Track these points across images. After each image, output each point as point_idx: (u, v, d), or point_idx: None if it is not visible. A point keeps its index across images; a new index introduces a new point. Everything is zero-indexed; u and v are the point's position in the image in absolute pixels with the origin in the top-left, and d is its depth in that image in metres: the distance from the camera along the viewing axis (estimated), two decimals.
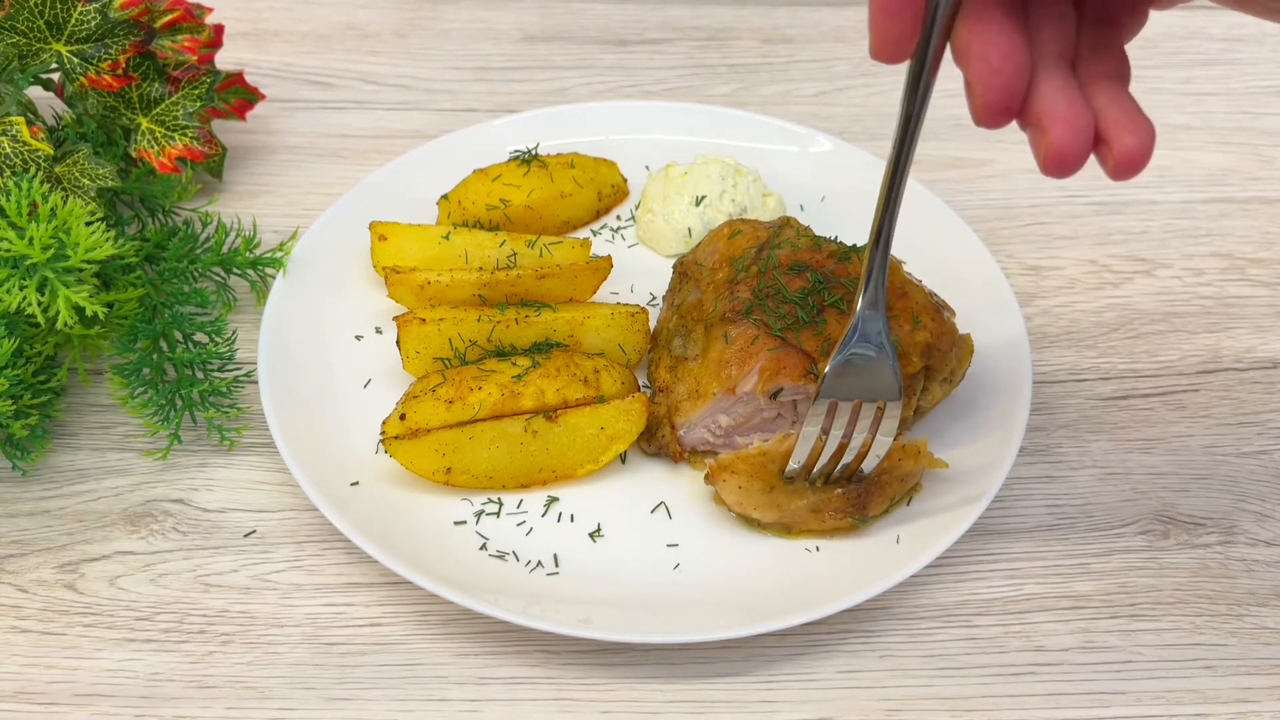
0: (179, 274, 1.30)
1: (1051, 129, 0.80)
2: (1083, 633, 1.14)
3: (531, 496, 1.20)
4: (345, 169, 1.56)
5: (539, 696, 1.09)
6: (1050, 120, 0.80)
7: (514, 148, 1.50)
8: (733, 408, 1.19)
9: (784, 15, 1.82)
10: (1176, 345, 1.40)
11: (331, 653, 1.11)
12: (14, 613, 1.13)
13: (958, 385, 1.24)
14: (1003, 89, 0.80)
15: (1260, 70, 1.77)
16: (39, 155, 1.21)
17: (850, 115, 1.67)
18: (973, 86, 0.81)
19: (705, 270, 1.29)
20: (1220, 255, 1.50)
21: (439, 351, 1.25)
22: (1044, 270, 1.48)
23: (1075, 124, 0.80)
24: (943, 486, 1.20)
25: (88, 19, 1.28)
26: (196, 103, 1.36)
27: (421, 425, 1.19)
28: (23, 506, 1.20)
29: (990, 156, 1.61)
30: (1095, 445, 1.29)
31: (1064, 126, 0.80)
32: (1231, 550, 1.21)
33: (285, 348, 1.28)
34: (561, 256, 1.36)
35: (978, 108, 0.81)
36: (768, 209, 1.44)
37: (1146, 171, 1.59)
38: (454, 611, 1.14)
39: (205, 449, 1.25)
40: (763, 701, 1.09)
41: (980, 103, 0.81)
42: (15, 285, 1.09)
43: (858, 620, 1.14)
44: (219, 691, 1.08)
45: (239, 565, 1.17)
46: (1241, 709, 1.10)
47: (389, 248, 1.35)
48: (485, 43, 1.76)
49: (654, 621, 1.09)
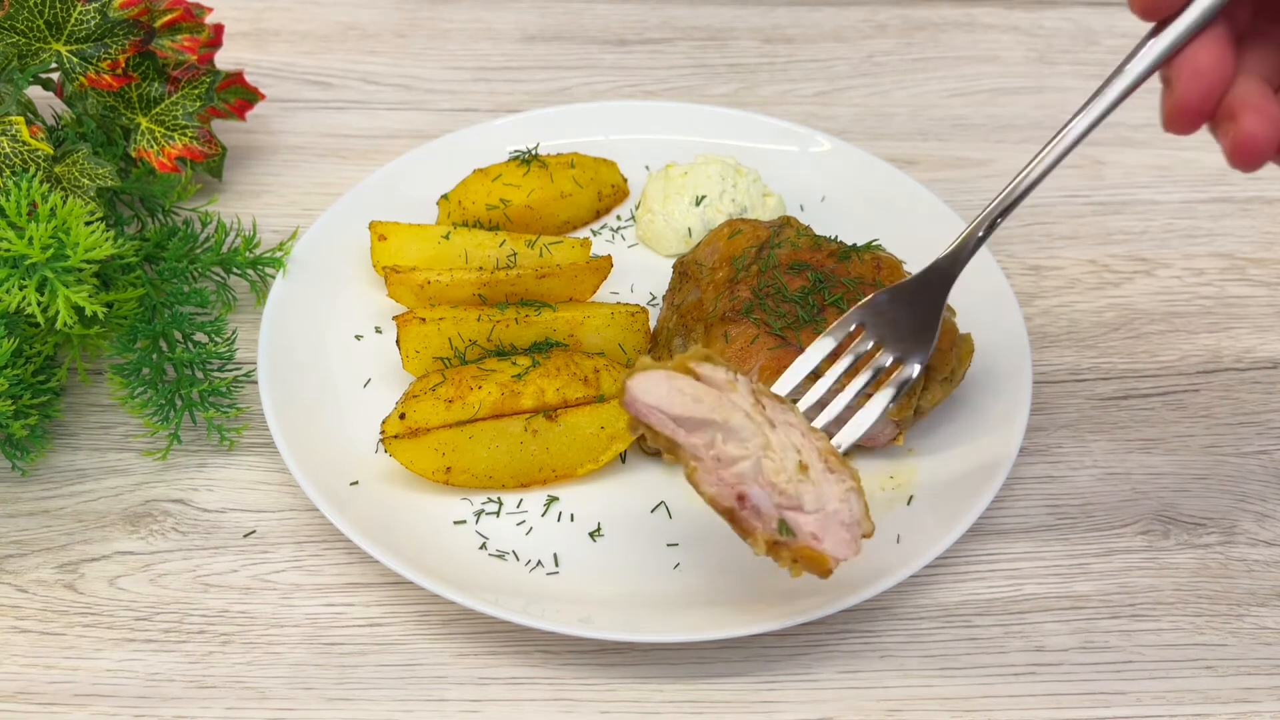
0: (179, 274, 1.30)
1: (1243, 116, 0.83)
2: (1083, 633, 1.14)
3: (531, 496, 1.20)
4: (345, 169, 1.56)
5: (539, 696, 1.09)
6: (1242, 108, 0.84)
7: (514, 148, 1.50)
8: None
9: (784, 15, 1.82)
10: (1177, 345, 1.40)
11: (331, 653, 1.11)
12: (13, 613, 1.12)
13: (958, 385, 1.24)
14: (1203, 91, 0.85)
15: None
16: (38, 155, 1.21)
17: (850, 115, 1.67)
18: (1174, 84, 0.86)
19: (705, 270, 1.29)
20: (1221, 255, 1.50)
21: (439, 351, 1.25)
22: (1044, 270, 1.48)
23: (1267, 113, 0.84)
24: (943, 486, 1.20)
25: (87, 18, 1.28)
26: (196, 102, 1.36)
27: (421, 425, 1.19)
28: (22, 506, 1.20)
29: (991, 156, 1.61)
30: (1095, 445, 1.29)
31: (1256, 115, 0.83)
32: (1232, 550, 1.21)
33: (285, 348, 1.28)
34: (561, 256, 1.36)
35: (1174, 104, 0.86)
36: (768, 209, 1.44)
37: (1146, 171, 1.60)
38: (454, 611, 1.13)
39: (205, 449, 1.25)
40: (763, 702, 1.09)
41: (1178, 100, 0.85)
42: (15, 285, 1.09)
43: (858, 620, 1.14)
44: (219, 692, 1.08)
45: (239, 565, 1.17)
46: (1242, 709, 1.10)
47: (389, 247, 1.35)
48: (485, 42, 1.76)
49: (654, 621, 1.09)
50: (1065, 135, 1.01)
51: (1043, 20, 1.81)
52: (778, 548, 0.99)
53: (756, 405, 1.02)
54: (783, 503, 0.99)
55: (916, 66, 1.74)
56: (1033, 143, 1.63)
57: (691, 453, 0.99)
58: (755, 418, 1.01)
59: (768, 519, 0.99)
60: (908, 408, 1.19)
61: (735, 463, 0.99)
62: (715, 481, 0.99)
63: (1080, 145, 1.02)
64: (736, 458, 0.99)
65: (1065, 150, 1.02)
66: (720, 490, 0.99)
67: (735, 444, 0.99)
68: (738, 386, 1.02)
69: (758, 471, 0.99)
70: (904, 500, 1.20)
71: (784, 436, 1.02)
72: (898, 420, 1.19)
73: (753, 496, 0.99)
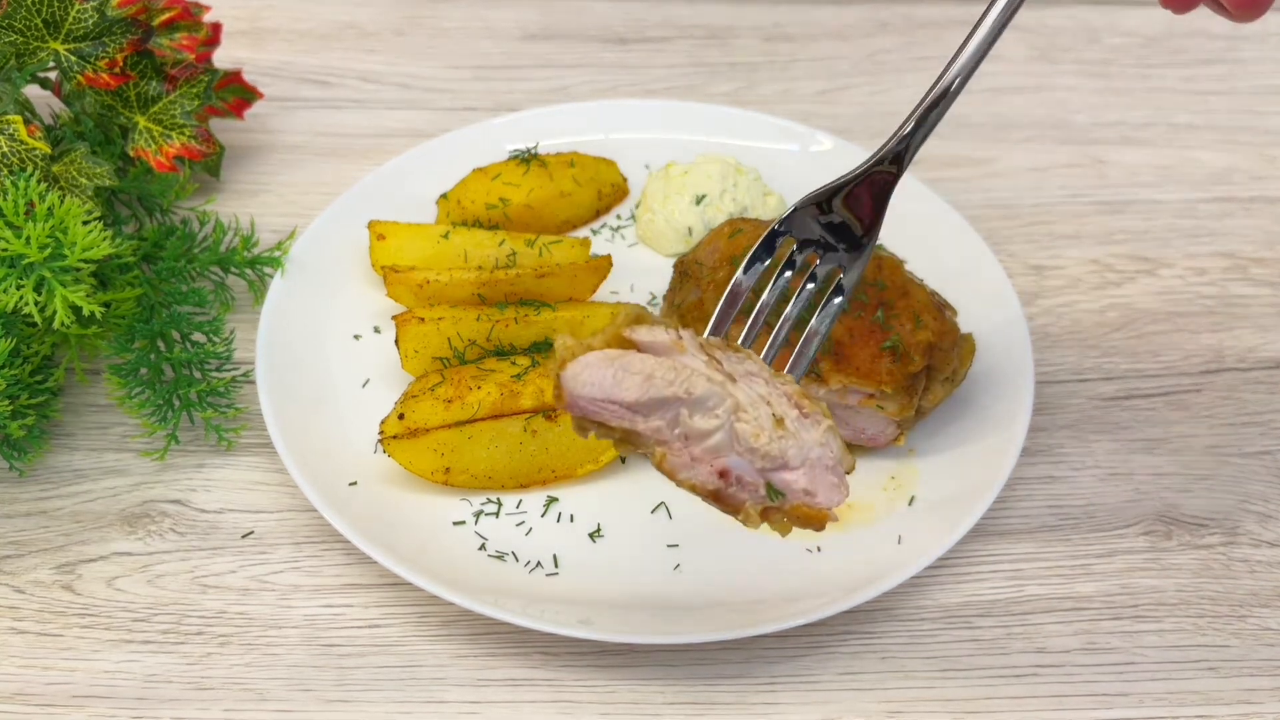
0: (176, 273, 1.29)
1: None
2: (1085, 634, 1.14)
3: (531, 496, 1.20)
4: (344, 168, 1.55)
5: (538, 698, 1.08)
6: None
7: (513, 147, 1.50)
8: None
9: (785, 13, 1.82)
10: (1179, 345, 1.39)
11: (330, 654, 1.10)
12: (11, 614, 1.12)
13: (959, 385, 1.23)
14: None
15: (1264, 69, 1.76)
16: (36, 154, 1.21)
17: (852, 114, 1.67)
18: None
19: (706, 269, 1.28)
20: (1223, 255, 1.50)
21: (438, 351, 1.25)
22: (1046, 270, 1.47)
23: None
24: (944, 487, 1.19)
25: (85, 17, 1.27)
26: (194, 101, 1.35)
27: (420, 425, 1.19)
28: (20, 507, 1.20)
29: (992, 155, 1.61)
30: (1098, 445, 1.29)
31: None
32: (1234, 551, 1.21)
33: (283, 347, 1.27)
34: (561, 256, 1.35)
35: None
36: (768, 208, 1.43)
37: (1148, 171, 1.59)
38: (453, 612, 1.13)
39: (203, 449, 1.25)
40: (764, 703, 1.08)
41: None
42: (12, 285, 1.08)
43: (859, 621, 1.14)
44: (217, 693, 1.07)
45: (237, 566, 1.16)
46: (1245, 710, 1.09)
47: (388, 247, 1.34)
48: (485, 41, 1.75)
49: (654, 622, 1.09)
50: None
51: (1045, 18, 1.81)
52: (769, 513, 0.89)
53: (711, 362, 0.90)
54: (766, 465, 0.89)
55: (918, 65, 1.74)
56: (1035, 141, 1.62)
57: (655, 438, 0.87)
58: (716, 378, 0.88)
59: (754, 488, 0.89)
60: (909, 408, 1.18)
61: (707, 436, 0.87)
62: (690, 463, 0.88)
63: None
64: (708, 431, 0.88)
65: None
66: (698, 472, 0.88)
67: (703, 415, 0.88)
68: (685, 345, 0.90)
69: (733, 439, 0.88)
70: (905, 501, 1.19)
71: (750, 390, 0.90)
72: (899, 420, 1.19)
73: (735, 468, 0.88)
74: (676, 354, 0.89)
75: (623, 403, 0.86)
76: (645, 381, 0.86)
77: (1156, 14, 1.82)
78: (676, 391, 0.87)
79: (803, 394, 0.93)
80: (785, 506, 0.89)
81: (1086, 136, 1.63)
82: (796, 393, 0.92)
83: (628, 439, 0.88)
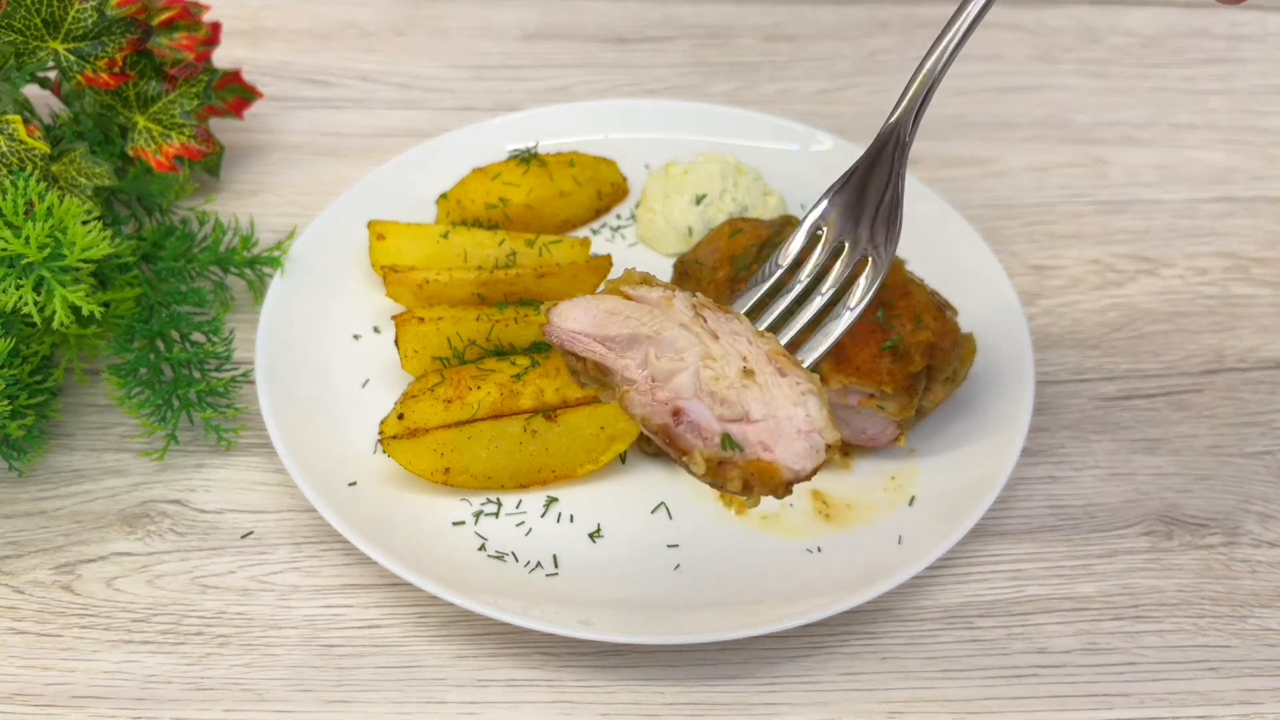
0: (176, 273, 1.29)
1: None
2: (1086, 634, 1.14)
3: (531, 497, 1.20)
4: (343, 168, 1.55)
5: (538, 699, 1.08)
6: None
7: (513, 146, 1.50)
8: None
9: (785, 13, 1.81)
10: (1180, 345, 1.39)
11: (329, 655, 1.10)
12: (10, 614, 1.12)
13: (960, 385, 1.23)
14: None
15: (1263, 69, 1.76)
16: (35, 154, 1.21)
17: (851, 113, 1.66)
18: None
19: (706, 269, 1.28)
20: (1224, 254, 1.50)
21: (437, 351, 1.25)
22: (1047, 270, 1.47)
23: None
24: (945, 487, 1.19)
25: (84, 17, 1.27)
26: (194, 101, 1.35)
27: (420, 425, 1.18)
28: (19, 507, 1.20)
29: (993, 155, 1.61)
30: (1098, 446, 1.29)
31: None
32: (1235, 551, 1.21)
33: (283, 347, 1.27)
34: (561, 255, 1.35)
35: None
36: (768, 208, 1.43)
37: (1149, 171, 1.59)
38: (453, 613, 1.13)
39: (202, 449, 1.25)
40: (764, 704, 1.08)
41: None
42: (11, 284, 1.08)
43: (859, 622, 1.13)
44: (216, 694, 1.07)
45: (236, 566, 1.16)
46: (1245, 710, 1.09)
47: (387, 247, 1.34)
48: (484, 41, 1.75)
49: (654, 623, 1.08)
50: None
51: (1045, 18, 1.80)
52: (723, 468, 0.88)
53: (696, 318, 0.93)
54: (726, 414, 0.89)
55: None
56: (1035, 141, 1.62)
57: (623, 375, 0.90)
58: (694, 329, 0.91)
59: (709, 435, 0.89)
60: (910, 408, 1.18)
61: (671, 377, 0.89)
62: (650, 403, 0.89)
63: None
64: (672, 371, 0.90)
65: None
66: (653, 409, 0.89)
67: (670, 357, 0.90)
68: (674, 302, 0.93)
69: (697, 385, 0.89)
70: (906, 501, 1.19)
71: (728, 346, 0.92)
72: (900, 420, 1.19)
73: (690, 410, 0.89)
74: (663, 307, 0.94)
75: (594, 335, 0.92)
76: (621, 320, 0.92)
77: (1157, 14, 1.82)
78: (645, 331, 0.92)
79: (786, 356, 0.93)
80: (739, 460, 0.89)
81: (1087, 136, 1.63)
82: (777, 353, 0.93)
83: (599, 377, 0.92)
